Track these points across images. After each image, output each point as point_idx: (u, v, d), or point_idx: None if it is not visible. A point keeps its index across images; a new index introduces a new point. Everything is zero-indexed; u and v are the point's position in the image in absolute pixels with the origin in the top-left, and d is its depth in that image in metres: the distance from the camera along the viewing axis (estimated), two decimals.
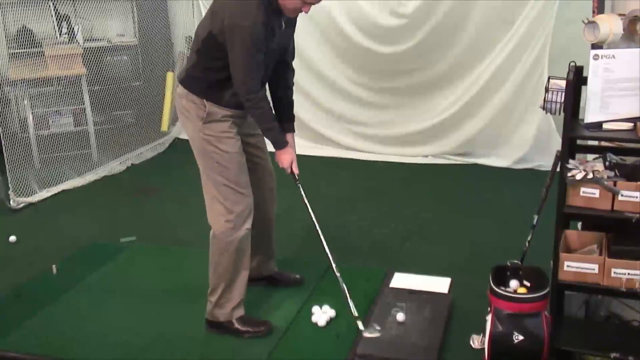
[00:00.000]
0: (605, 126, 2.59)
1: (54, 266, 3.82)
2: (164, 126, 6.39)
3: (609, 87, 2.57)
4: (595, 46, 2.66)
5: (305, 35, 5.47)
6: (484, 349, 2.75)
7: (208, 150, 2.92)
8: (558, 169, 2.69)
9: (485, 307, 2.79)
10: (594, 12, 2.89)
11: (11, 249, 4.19)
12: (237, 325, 3.08)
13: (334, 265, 3.10)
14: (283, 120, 3.05)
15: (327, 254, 3.12)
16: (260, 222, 3.20)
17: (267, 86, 3.03)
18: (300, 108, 5.97)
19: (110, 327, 3.21)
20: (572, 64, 2.59)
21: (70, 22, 5.87)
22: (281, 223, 3.47)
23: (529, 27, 5.17)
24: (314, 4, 2.79)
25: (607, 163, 2.64)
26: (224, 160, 2.92)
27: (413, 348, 2.90)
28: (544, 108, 2.77)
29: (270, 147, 3.13)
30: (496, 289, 2.69)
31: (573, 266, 2.61)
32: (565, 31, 4.93)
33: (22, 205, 4.84)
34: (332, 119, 6.08)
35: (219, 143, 2.91)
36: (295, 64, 3.16)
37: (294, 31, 3.04)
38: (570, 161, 2.63)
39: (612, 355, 2.62)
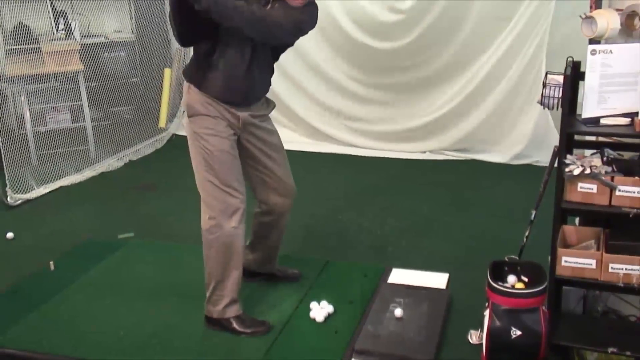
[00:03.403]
0: (602, 121, 2.58)
1: (51, 263, 3.82)
2: (162, 122, 6.37)
3: (606, 82, 2.57)
4: (592, 41, 2.66)
5: None
6: (481, 344, 2.75)
7: (196, 146, 2.94)
8: (556, 165, 2.69)
9: (483, 302, 2.80)
10: (591, 7, 2.88)
11: (8, 245, 4.18)
12: (234, 325, 3.08)
13: None
14: None
15: None
16: (272, 227, 3.26)
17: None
18: (298, 104, 6.00)
19: (107, 324, 3.21)
20: (570, 59, 2.59)
21: (67, 18, 5.86)
22: None
23: (527, 23, 5.16)
24: None
25: (604, 158, 2.64)
26: (209, 158, 2.91)
27: (411, 344, 2.90)
28: (541, 103, 2.77)
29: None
30: (494, 284, 2.70)
31: (571, 261, 2.61)
32: (563, 27, 4.93)
33: (19, 201, 4.83)
34: (330, 115, 6.08)
35: (203, 140, 2.90)
36: (292, 60, 3.14)
37: None
38: (568, 156, 2.63)
39: (610, 350, 2.62)
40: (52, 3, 5.74)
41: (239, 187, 2.98)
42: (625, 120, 2.56)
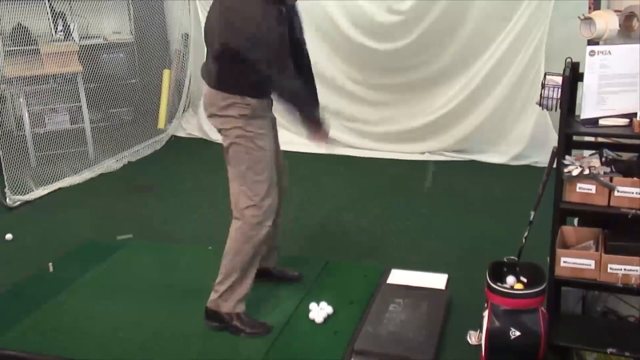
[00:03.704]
0: (601, 122, 2.59)
1: (50, 264, 3.82)
2: (161, 123, 6.38)
3: (605, 83, 2.57)
4: (591, 42, 2.66)
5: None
6: (481, 345, 2.75)
7: (247, 147, 2.96)
8: (555, 165, 2.69)
9: (482, 303, 2.80)
10: (590, 8, 2.89)
11: (7, 247, 4.18)
12: (235, 322, 3.08)
13: None
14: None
15: None
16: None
17: None
18: None
19: (107, 325, 3.21)
20: (569, 60, 2.59)
21: (66, 20, 5.86)
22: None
23: (525, 24, 5.16)
24: None
25: (603, 159, 2.64)
26: (261, 157, 2.97)
27: (410, 344, 2.90)
28: (540, 104, 2.77)
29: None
30: (493, 285, 2.70)
31: (570, 262, 2.61)
32: (562, 27, 4.93)
33: (18, 203, 4.83)
34: (329, 116, 6.06)
35: (257, 140, 2.96)
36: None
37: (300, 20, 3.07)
38: (567, 157, 2.64)
39: (609, 350, 2.63)
40: (50, 4, 5.75)
41: (276, 186, 3.08)
42: (623, 121, 2.56)
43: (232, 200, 3.05)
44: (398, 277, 3.52)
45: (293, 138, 5.84)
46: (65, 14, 5.88)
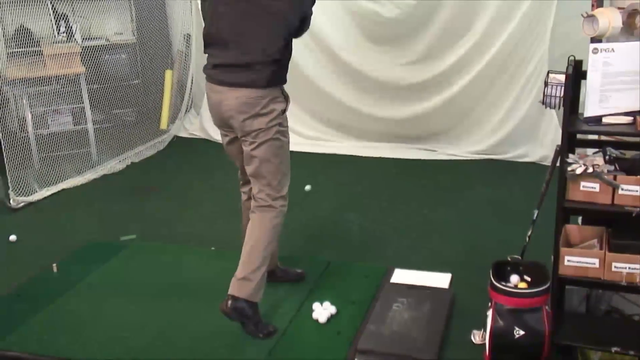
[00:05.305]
0: (604, 120, 2.58)
1: (54, 265, 3.82)
2: (163, 124, 6.39)
3: (608, 81, 2.56)
4: (594, 40, 2.66)
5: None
6: (484, 344, 2.75)
7: (283, 141, 3.05)
8: (558, 164, 2.69)
9: (486, 302, 2.79)
10: (593, 5, 2.88)
11: (11, 248, 4.19)
12: (252, 312, 3.04)
13: None
14: None
15: None
16: None
17: None
18: (297, 106, 5.98)
19: (110, 326, 3.21)
20: (572, 58, 2.58)
21: (68, 21, 5.87)
22: None
23: (529, 22, 5.15)
24: None
25: (607, 157, 2.64)
26: (288, 150, 3.10)
27: (414, 343, 2.90)
28: (543, 102, 2.76)
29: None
30: (497, 284, 2.69)
31: (573, 261, 2.61)
32: (565, 25, 4.92)
33: (22, 204, 4.84)
34: (329, 116, 6.07)
35: (287, 134, 3.09)
36: (291, 63, 3.15)
37: None
38: (570, 155, 2.63)
39: (613, 349, 2.62)
40: (53, 6, 5.76)
41: None
42: (627, 119, 2.56)
43: (262, 194, 3.06)
44: (401, 276, 3.52)
45: (293, 138, 5.83)
46: (67, 16, 5.89)
